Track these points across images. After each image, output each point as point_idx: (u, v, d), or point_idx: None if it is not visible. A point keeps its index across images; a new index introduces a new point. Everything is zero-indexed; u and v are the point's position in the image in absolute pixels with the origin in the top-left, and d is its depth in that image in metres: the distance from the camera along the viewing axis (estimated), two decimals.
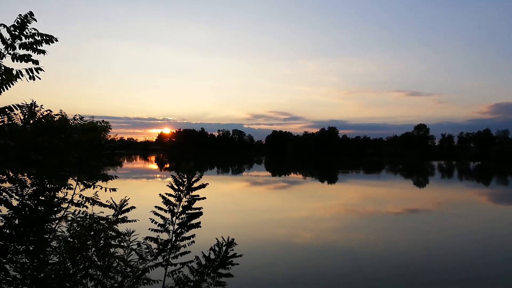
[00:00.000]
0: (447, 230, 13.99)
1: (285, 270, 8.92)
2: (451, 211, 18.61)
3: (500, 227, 15.02)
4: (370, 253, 10.54)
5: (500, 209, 20.11)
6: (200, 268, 3.43)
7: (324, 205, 20.06)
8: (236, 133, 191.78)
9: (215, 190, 26.58)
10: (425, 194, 27.50)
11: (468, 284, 8.20)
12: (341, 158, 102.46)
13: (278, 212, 17.25)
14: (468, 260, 10.01)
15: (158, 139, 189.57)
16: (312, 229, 13.51)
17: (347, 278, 8.44)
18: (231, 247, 3.48)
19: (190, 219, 3.51)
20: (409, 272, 8.90)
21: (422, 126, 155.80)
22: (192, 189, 3.55)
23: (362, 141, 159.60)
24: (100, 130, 3.51)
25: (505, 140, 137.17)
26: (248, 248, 10.66)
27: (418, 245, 11.57)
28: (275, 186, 29.60)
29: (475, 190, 30.39)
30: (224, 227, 13.54)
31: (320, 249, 10.88)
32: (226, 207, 18.53)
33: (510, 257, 10.47)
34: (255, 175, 42.87)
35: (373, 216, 16.53)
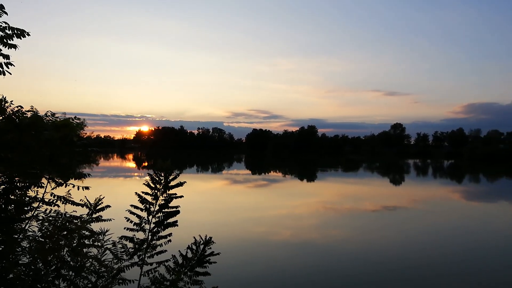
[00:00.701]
0: (423, 227, 14.38)
1: (264, 268, 8.96)
2: (426, 208, 19.14)
3: (473, 223, 15.57)
4: (348, 250, 10.72)
5: (473, 206, 20.84)
6: (177, 267, 3.39)
7: (303, 202, 20.25)
8: (216, 131, 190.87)
9: (194, 189, 26.38)
10: (401, 191, 28.18)
11: (443, 279, 8.45)
12: (320, 157, 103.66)
13: (258, 210, 17.30)
14: (442, 255, 10.31)
15: (136, 137, 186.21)
16: (291, 227, 13.61)
17: (325, 275, 8.55)
18: (209, 245, 3.46)
19: (167, 217, 3.47)
20: (387, 268, 9.10)
21: (398, 125, 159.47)
22: (169, 188, 3.51)
23: (340, 140, 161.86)
24: (72, 127, 3.41)
25: (477, 139, 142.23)
26: (227, 247, 10.64)
27: (395, 242, 11.85)
28: (255, 185, 29.66)
29: (449, 187, 31.37)
30: (203, 225, 13.47)
31: (299, 246, 10.98)
32: (205, 205, 18.42)
33: (482, 252, 10.86)
34: (235, 173, 42.81)
35: (351, 214, 16.80)
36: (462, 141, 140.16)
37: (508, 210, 19.71)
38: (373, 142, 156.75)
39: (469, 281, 8.34)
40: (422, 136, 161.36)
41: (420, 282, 8.19)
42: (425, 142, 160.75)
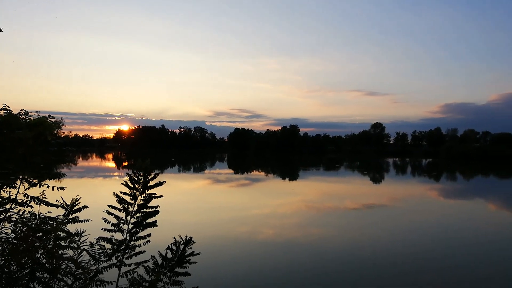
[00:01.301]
0: (403, 224, 14.69)
1: (246, 267, 8.95)
2: (406, 206, 19.55)
3: (452, 220, 16.00)
4: (331, 248, 10.84)
5: (451, 203, 21.41)
6: (156, 268, 3.34)
7: (285, 202, 20.35)
8: (198, 130, 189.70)
9: (176, 189, 26.13)
10: (382, 190, 28.69)
11: (424, 275, 8.64)
12: (302, 156, 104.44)
13: (240, 210, 17.28)
14: (423, 252, 10.55)
15: (115, 136, 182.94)
16: (274, 226, 13.65)
17: (308, 274, 8.61)
18: (189, 245, 3.43)
19: (146, 218, 3.41)
20: (369, 266, 9.24)
21: (378, 124, 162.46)
22: (148, 188, 3.45)
23: (322, 139, 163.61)
24: (47, 126, 3.31)
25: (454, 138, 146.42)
26: (210, 247, 10.59)
27: (376, 239, 12.05)
28: (237, 184, 29.62)
29: (427, 185, 32.14)
30: (185, 226, 13.37)
31: (282, 245, 11.03)
32: (187, 205, 18.29)
33: (463, 248, 11.16)
34: (217, 173, 42.65)
35: (333, 212, 16.99)
36: (439, 140, 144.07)
37: (484, 207, 20.34)
38: (353, 141, 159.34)
39: (450, 277, 8.56)
40: (401, 135, 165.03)
41: (402, 279, 8.35)
42: (404, 141, 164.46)
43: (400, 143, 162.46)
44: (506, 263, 9.73)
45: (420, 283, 8.12)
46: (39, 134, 3.23)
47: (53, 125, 3.37)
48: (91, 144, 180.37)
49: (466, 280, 8.37)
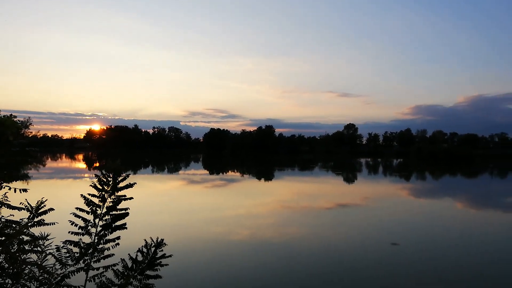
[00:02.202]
0: (375, 223, 15.02)
1: (221, 268, 8.89)
2: (378, 205, 20.03)
3: (422, 218, 16.52)
4: (305, 247, 10.94)
5: (421, 202, 22.10)
6: (126, 271, 3.25)
7: (261, 202, 20.39)
8: (172, 131, 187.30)
9: (149, 190, 25.67)
10: (355, 189, 29.27)
11: (396, 273, 8.86)
12: (278, 156, 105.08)
13: (215, 211, 17.17)
14: (395, 250, 10.82)
15: (86, 136, 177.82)
16: (249, 226, 13.65)
17: (283, 273, 8.64)
18: (161, 247, 3.35)
19: (115, 220, 3.31)
20: (343, 265, 9.38)
21: (351, 125, 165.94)
22: (118, 189, 3.35)
23: (297, 139, 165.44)
24: (8, 125, 3.15)
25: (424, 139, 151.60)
26: (184, 248, 10.46)
27: (350, 238, 12.27)
28: (212, 185, 29.42)
29: (398, 185, 33.06)
30: (158, 227, 13.14)
31: (257, 245, 11.03)
32: (161, 207, 18.00)
33: (433, 245, 11.53)
34: (192, 173, 42.21)
35: (307, 212, 17.17)
36: (409, 141, 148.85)
37: (452, 206, 21.13)
38: (327, 141, 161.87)
39: (421, 274, 8.81)
40: (373, 136, 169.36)
41: (375, 277, 8.53)
42: (376, 142, 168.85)
43: (372, 144, 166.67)
44: (472, 257, 10.14)
45: (394, 281, 8.32)
46: (0, 134, 3.07)
47: (16, 125, 3.22)
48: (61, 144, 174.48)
49: (436, 272, 8.64)
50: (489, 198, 24.84)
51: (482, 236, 13.06)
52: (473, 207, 20.22)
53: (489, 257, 10.32)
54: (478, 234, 13.36)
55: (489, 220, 16.29)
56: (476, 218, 17.01)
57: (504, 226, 15.07)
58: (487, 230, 14.07)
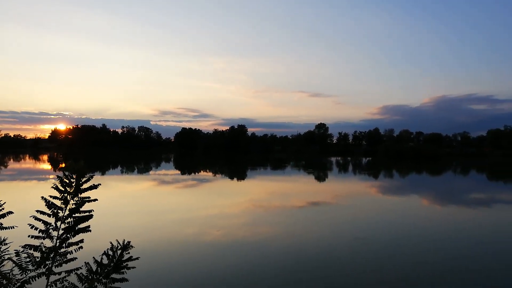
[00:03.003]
0: (346, 221, 15.34)
1: (192, 269, 8.78)
2: (348, 203, 20.47)
3: (391, 215, 17.02)
4: (277, 246, 11.00)
5: (389, 199, 22.76)
6: (90, 275, 3.13)
7: (233, 201, 20.33)
8: (142, 130, 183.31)
9: (118, 191, 25.03)
10: (326, 187, 29.77)
11: (366, 269, 9.07)
12: (250, 155, 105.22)
13: (187, 211, 16.95)
14: (366, 247, 11.09)
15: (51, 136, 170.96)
16: (221, 226, 13.57)
17: (256, 272, 8.65)
18: (127, 250, 3.25)
19: (78, 223, 3.18)
20: (315, 263, 9.50)
21: (322, 125, 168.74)
22: (81, 191, 3.22)
23: (269, 139, 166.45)
24: None
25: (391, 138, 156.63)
26: (154, 250, 10.26)
27: (320, 236, 12.45)
28: (184, 185, 29.04)
29: (367, 183, 33.94)
30: (127, 229, 12.81)
31: (229, 245, 10.98)
32: (130, 208, 17.56)
33: (401, 241, 11.89)
34: (163, 173, 41.49)
35: (279, 210, 17.28)
36: (378, 140, 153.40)
37: (418, 202, 21.90)
38: (299, 141, 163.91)
39: (391, 267, 9.06)
40: (343, 135, 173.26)
41: (345, 273, 8.69)
42: (346, 141, 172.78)
43: (342, 143, 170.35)
44: (439, 252, 10.55)
45: (363, 277, 8.52)
46: None
47: None
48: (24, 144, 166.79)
49: (404, 267, 8.93)
50: (453, 195, 25.98)
51: (444, 232, 13.63)
52: (438, 204, 21.07)
53: (449, 252, 10.77)
54: (441, 230, 13.93)
55: (452, 216, 17.02)
56: (440, 214, 17.72)
57: (467, 222, 15.79)
58: (449, 226, 14.70)
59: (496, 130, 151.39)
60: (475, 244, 11.68)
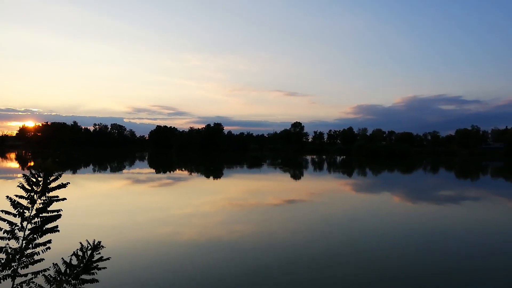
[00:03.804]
0: (321, 218, 15.56)
1: (167, 268, 8.67)
2: (323, 200, 20.78)
3: (362, 212, 17.40)
4: (253, 244, 11.02)
5: (362, 197, 23.26)
6: (58, 276, 3.03)
7: (209, 200, 20.21)
8: (115, 128, 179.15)
9: (90, 190, 24.39)
10: (301, 185, 30.11)
11: (341, 265, 9.22)
12: (226, 154, 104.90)
13: (162, 211, 16.71)
14: (341, 243, 11.30)
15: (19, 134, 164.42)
16: (197, 225, 13.47)
17: (231, 271, 8.64)
18: (98, 250, 3.17)
19: (46, 223, 3.07)
20: (290, 260, 9.57)
21: (298, 124, 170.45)
22: (49, 190, 3.11)
23: (245, 137, 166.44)
24: None
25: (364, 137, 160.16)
26: (127, 250, 10.07)
27: (295, 233, 12.57)
28: (159, 184, 28.62)
29: (341, 181, 34.57)
30: (99, 230, 12.50)
31: (205, 244, 10.91)
32: (102, 208, 17.14)
33: (374, 238, 12.17)
34: (137, 172, 40.71)
35: (255, 208, 17.33)
36: (352, 139, 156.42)
37: (390, 200, 22.48)
38: (275, 139, 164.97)
39: (362, 263, 9.27)
40: (319, 134, 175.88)
41: (323, 270, 8.82)
42: (321, 139, 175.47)
43: (317, 142, 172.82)
44: (410, 247, 10.89)
45: (339, 273, 8.67)
46: None
47: None
48: None
49: (375, 263, 9.16)
50: (423, 192, 26.85)
51: (415, 227, 14.08)
52: (409, 201, 21.71)
53: (418, 247, 11.14)
54: (411, 226, 14.37)
55: (421, 212, 17.59)
56: (410, 210, 18.27)
57: (436, 218, 16.36)
58: (419, 222, 15.19)
59: (463, 129, 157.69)
60: (444, 239, 12.10)
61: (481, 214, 17.33)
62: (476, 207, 19.59)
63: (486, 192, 26.74)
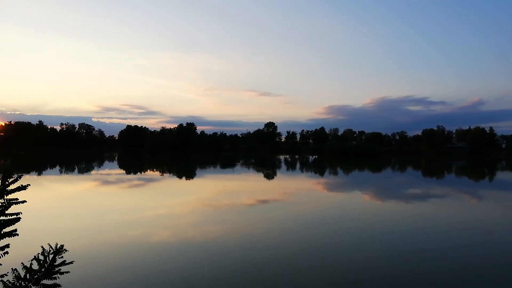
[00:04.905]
0: (294, 216, 15.66)
1: (137, 271, 8.44)
2: (295, 200, 20.94)
3: (333, 211, 17.67)
4: (226, 245, 10.92)
5: (334, 196, 23.64)
6: (17, 281, 2.85)
7: (182, 201, 19.91)
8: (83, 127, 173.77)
9: (55, 192, 23.50)
10: (274, 185, 30.25)
11: (312, 263, 9.29)
12: (199, 154, 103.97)
13: (132, 212, 16.28)
14: (312, 242, 11.39)
15: None
16: (169, 227, 13.22)
17: (204, 272, 8.51)
18: (60, 254, 3.00)
19: (3, 227, 2.88)
20: (263, 259, 9.56)
21: (271, 124, 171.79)
22: (8, 192, 2.92)
23: (219, 137, 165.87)
24: None
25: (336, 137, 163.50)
26: (94, 254, 9.73)
27: (269, 233, 12.58)
28: (129, 185, 27.93)
29: (314, 180, 35.02)
30: (64, 233, 12.02)
31: (177, 246, 10.72)
32: (69, 211, 16.50)
33: (341, 236, 12.36)
34: (106, 173, 39.56)
35: (229, 209, 17.22)
36: (323, 139, 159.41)
37: (360, 198, 22.97)
38: (249, 139, 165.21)
39: (335, 264, 9.38)
40: (291, 134, 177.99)
41: (297, 271, 8.85)
42: (294, 139, 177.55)
43: (290, 141, 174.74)
44: (378, 244, 11.14)
45: (312, 274, 8.73)
46: None
47: None
48: None
49: (348, 263, 9.30)
50: (392, 190, 27.65)
51: (383, 225, 14.45)
52: (379, 199, 22.28)
53: (387, 243, 11.44)
54: (380, 224, 14.74)
55: (390, 210, 18.08)
56: (381, 208, 18.74)
57: (407, 217, 16.86)
58: (388, 219, 15.61)
59: (430, 130, 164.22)
60: (412, 235, 12.48)
61: (448, 211, 18.02)
62: (442, 204, 20.35)
63: (451, 190, 27.89)
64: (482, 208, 19.32)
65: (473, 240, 11.97)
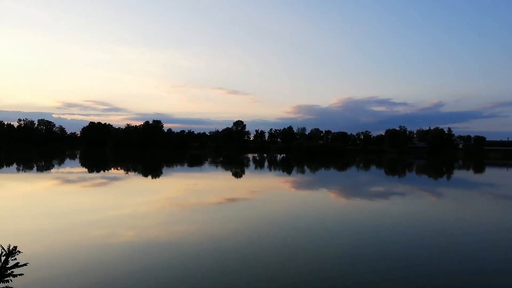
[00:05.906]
0: (261, 215, 15.68)
1: (100, 272, 8.10)
2: (263, 198, 21.00)
3: (300, 209, 17.87)
4: (193, 244, 10.75)
5: (301, 193, 23.92)
6: None
7: (148, 200, 19.41)
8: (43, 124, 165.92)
9: (12, 192, 22.25)
10: (242, 183, 30.20)
11: (280, 260, 9.31)
12: (166, 152, 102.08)
13: (95, 212, 15.65)
14: (282, 240, 11.42)
15: None
16: (134, 227, 12.83)
17: (170, 273, 8.32)
18: (13, 256, 2.79)
19: None
20: (231, 258, 9.48)
21: (240, 122, 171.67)
22: None
23: (187, 135, 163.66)
24: None
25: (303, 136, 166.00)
26: (54, 255, 9.27)
27: (237, 232, 12.51)
28: (92, 184, 26.89)
29: (281, 178, 35.31)
30: (22, 235, 11.37)
31: (142, 246, 10.41)
32: (26, 211, 15.64)
33: (306, 233, 12.50)
34: (67, 171, 37.89)
35: (196, 208, 16.98)
36: (291, 138, 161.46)
37: (327, 195, 23.40)
38: (217, 137, 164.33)
39: (302, 263, 9.46)
40: (260, 132, 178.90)
41: (264, 269, 8.83)
42: (262, 138, 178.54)
43: (259, 140, 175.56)
44: (347, 238, 11.38)
45: (280, 273, 8.75)
46: None
47: None
48: None
49: (316, 261, 9.42)
50: (356, 188, 28.39)
51: (348, 222, 14.79)
52: (344, 196, 22.81)
53: (350, 240, 11.72)
54: (345, 221, 15.08)
55: (355, 207, 18.55)
56: (346, 205, 19.19)
57: (370, 214, 17.33)
58: (351, 216, 16.00)
59: (392, 130, 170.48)
60: (376, 232, 12.85)
61: (409, 208, 18.72)
62: (403, 202, 21.12)
63: (412, 188, 29.05)
64: (441, 205, 20.24)
65: (433, 233, 12.50)
